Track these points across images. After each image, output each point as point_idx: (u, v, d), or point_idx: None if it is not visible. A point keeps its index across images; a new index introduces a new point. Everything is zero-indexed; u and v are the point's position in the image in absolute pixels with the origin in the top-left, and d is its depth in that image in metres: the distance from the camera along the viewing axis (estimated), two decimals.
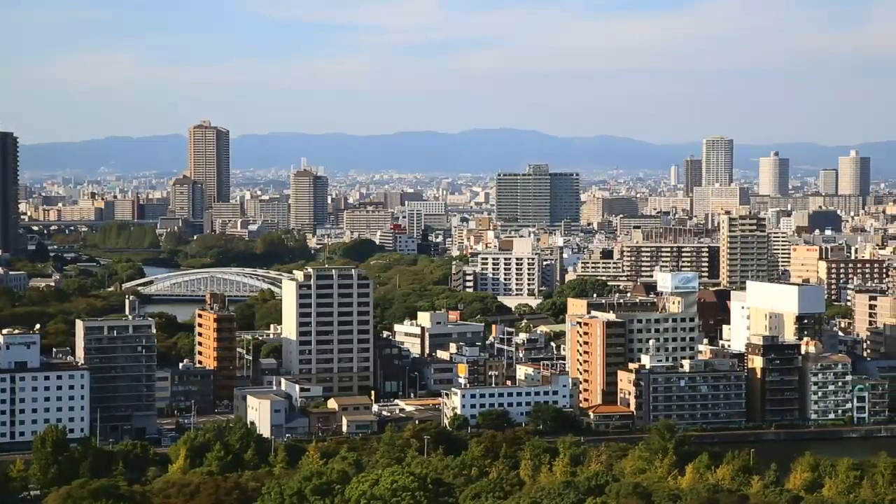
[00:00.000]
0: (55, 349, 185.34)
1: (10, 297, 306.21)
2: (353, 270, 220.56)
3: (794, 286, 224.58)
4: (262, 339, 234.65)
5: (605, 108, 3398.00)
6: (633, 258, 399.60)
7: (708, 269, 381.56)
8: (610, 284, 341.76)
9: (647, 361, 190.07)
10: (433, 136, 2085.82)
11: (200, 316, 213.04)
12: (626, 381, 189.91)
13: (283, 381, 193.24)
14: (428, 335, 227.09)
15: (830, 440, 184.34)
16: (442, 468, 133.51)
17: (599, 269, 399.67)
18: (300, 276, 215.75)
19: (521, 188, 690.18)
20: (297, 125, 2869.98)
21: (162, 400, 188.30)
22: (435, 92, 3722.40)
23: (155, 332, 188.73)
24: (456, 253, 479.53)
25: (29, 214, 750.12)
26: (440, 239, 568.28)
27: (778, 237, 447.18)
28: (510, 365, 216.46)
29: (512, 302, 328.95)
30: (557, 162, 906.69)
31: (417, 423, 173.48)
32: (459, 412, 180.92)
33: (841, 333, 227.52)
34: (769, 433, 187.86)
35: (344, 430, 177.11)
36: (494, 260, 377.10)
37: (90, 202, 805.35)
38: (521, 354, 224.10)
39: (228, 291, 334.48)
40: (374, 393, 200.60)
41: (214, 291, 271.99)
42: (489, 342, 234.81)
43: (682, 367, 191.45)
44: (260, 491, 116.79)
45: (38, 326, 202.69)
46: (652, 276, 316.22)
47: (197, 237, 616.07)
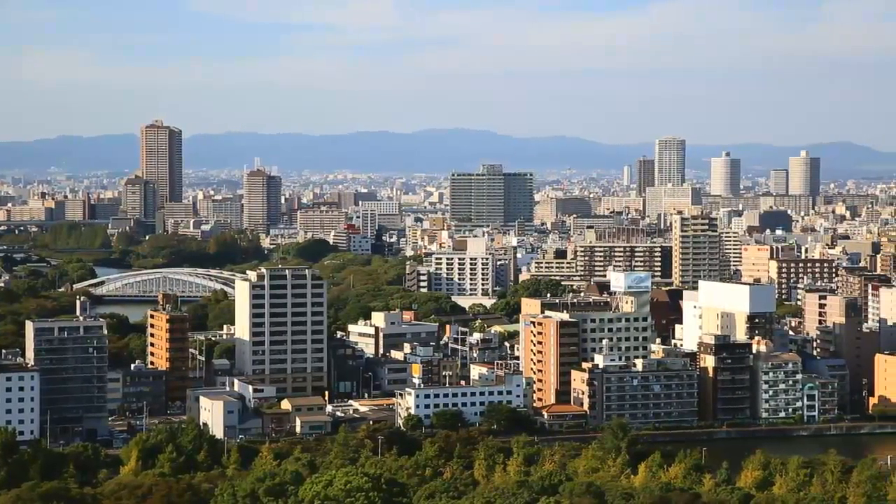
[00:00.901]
0: (4, 350, 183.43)
1: None
2: (306, 270, 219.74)
3: (745, 286, 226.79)
4: (215, 339, 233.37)
5: (558, 108, 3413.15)
6: (586, 258, 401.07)
7: (661, 268, 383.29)
8: (564, 284, 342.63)
9: (600, 361, 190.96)
10: (388, 135, 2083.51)
11: (153, 316, 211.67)
12: (579, 380, 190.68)
13: (236, 381, 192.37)
14: (382, 335, 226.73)
15: (781, 438, 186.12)
16: (396, 468, 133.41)
17: (553, 268, 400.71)
18: (253, 276, 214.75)
19: (475, 188, 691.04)
20: (251, 125, 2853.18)
21: (113, 401, 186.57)
22: (390, 92, 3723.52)
23: (106, 332, 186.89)
24: (410, 253, 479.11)
25: None
26: (394, 239, 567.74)
27: (729, 237, 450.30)
28: (464, 365, 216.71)
29: (466, 302, 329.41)
30: (511, 162, 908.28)
31: (371, 423, 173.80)
32: (413, 412, 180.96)
33: (791, 333, 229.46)
34: (721, 432, 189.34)
35: (297, 430, 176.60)
36: (448, 260, 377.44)
37: (40, 202, 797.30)
38: (475, 354, 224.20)
39: (181, 292, 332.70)
40: (327, 393, 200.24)
41: (167, 292, 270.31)
42: (443, 342, 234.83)
43: (634, 366, 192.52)
44: (213, 492, 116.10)
45: None
46: (605, 275, 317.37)
47: (149, 237, 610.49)
